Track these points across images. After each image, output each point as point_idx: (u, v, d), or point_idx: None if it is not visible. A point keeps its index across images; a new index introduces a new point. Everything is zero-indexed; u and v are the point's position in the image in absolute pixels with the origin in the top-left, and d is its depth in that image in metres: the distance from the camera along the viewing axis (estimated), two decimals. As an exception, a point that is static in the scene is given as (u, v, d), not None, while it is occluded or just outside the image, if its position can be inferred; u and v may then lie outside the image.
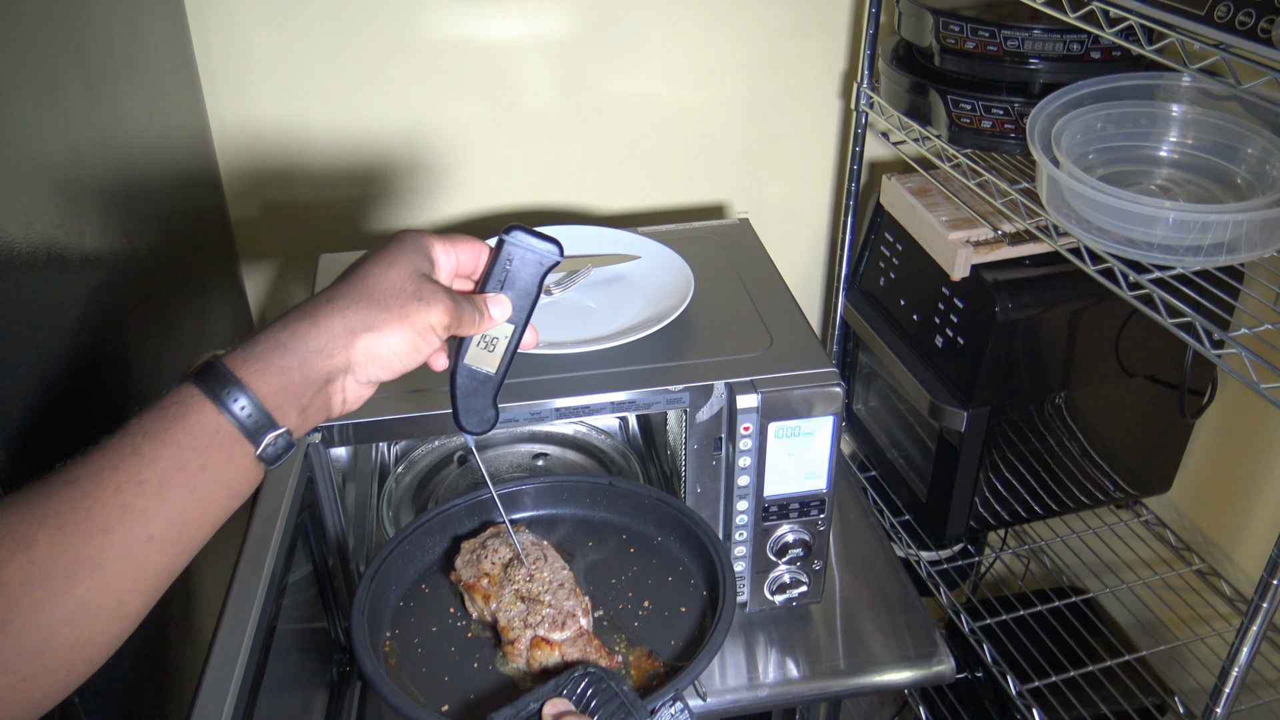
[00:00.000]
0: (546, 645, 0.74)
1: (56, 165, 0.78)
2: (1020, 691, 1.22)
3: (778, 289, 1.06)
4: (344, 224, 1.42)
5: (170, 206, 1.07)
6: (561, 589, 0.78)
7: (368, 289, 0.61)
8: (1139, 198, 0.91)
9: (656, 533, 0.88)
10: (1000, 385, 1.19)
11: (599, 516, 0.91)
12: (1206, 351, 0.87)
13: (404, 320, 0.60)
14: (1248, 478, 1.31)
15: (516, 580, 0.79)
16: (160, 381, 0.95)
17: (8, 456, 0.65)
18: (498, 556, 0.81)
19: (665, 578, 0.84)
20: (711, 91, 1.42)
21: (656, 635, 0.78)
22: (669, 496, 0.89)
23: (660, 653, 0.76)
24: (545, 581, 0.79)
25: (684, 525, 0.86)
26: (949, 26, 1.14)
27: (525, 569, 0.79)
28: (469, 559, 0.82)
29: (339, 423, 0.87)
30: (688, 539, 0.85)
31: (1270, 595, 0.86)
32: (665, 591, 0.82)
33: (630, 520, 0.90)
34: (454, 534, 0.87)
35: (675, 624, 0.79)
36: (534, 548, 0.82)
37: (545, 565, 0.80)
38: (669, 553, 0.86)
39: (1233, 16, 0.80)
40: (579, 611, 0.76)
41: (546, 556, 0.81)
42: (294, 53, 1.28)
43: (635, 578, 0.84)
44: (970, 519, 1.32)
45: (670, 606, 0.81)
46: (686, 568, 0.85)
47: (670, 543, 0.87)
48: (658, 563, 0.85)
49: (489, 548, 0.82)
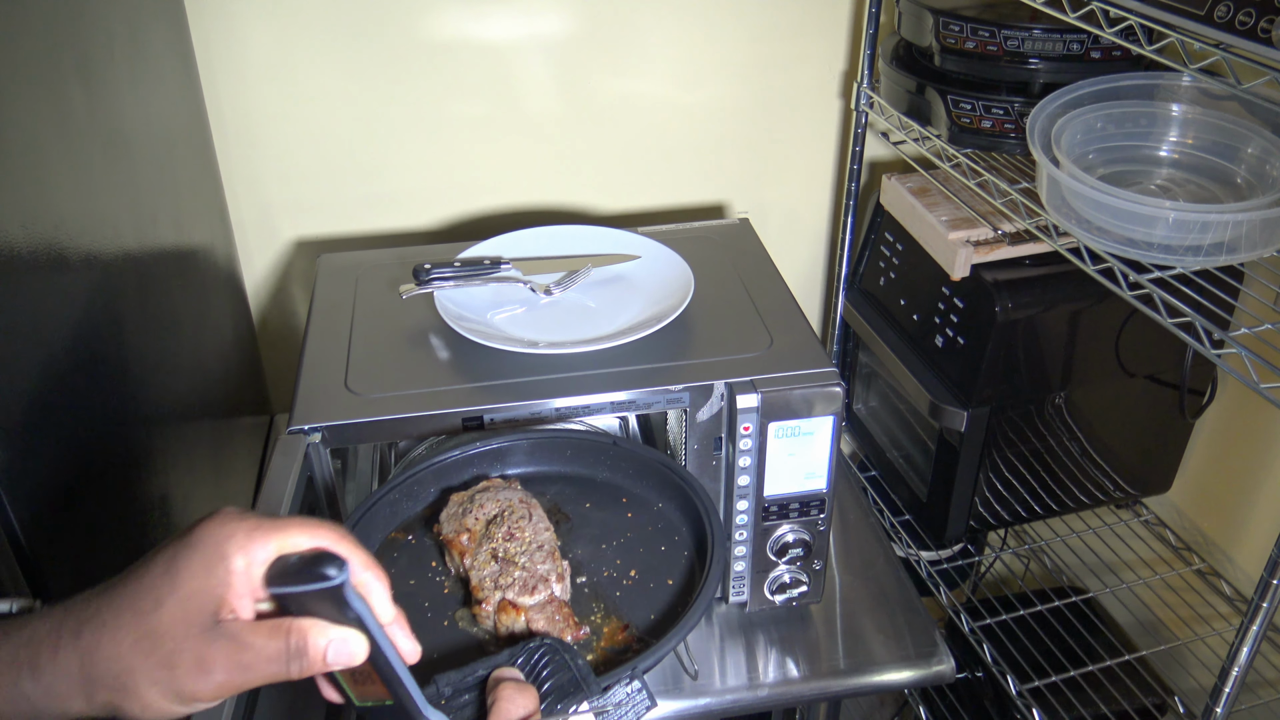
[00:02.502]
0: (513, 609, 0.71)
1: (56, 165, 0.78)
2: (1020, 691, 1.22)
3: (778, 289, 1.06)
4: (344, 224, 1.42)
5: (170, 206, 1.07)
6: (540, 551, 0.75)
7: (132, 627, 0.49)
8: (1139, 198, 0.91)
9: (658, 498, 0.85)
10: (1000, 385, 1.19)
11: (602, 476, 0.87)
12: (1206, 351, 0.87)
13: (162, 689, 0.49)
14: (1248, 478, 1.31)
15: (495, 538, 0.75)
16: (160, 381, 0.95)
17: (8, 456, 0.65)
18: (482, 512, 0.78)
19: (658, 547, 0.81)
20: (711, 91, 1.42)
21: (636, 607, 0.75)
22: (672, 461, 0.85)
23: (636, 626, 0.73)
24: (524, 542, 0.75)
25: (684, 492, 0.82)
26: (949, 26, 1.14)
27: (506, 527, 0.76)
28: (454, 512, 0.79)
29: (339, 423, 0.87)
30: (687, 507, 0.82)
31: (1270, 595, 0.86)
32: (655, 562, 0.79)
33: (633, 483, 0.86)
34: (446, 485, 0.85)
35: (658, 597, 0.76)
36: (521, 505, 0.79)
37: (528, 525, 0.76)
38: (667, 520, 0.83)
39: (1233, 16, 0.79)
40: (552, 577, 0.73)
41: (531, 516, 0.78)
42: (294, 53, 1.28)
43: (627, 544, 0.81)
44: (970, 519, 1.32)
45: (657, 578, 0.78)
46: (682, 538, 0.81)
47: (669, 510, 0.84)
48: (654, 530, 0.82)
49: (476, 502, 0.79)
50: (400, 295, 1.01)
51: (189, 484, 0.99)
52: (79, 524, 0.74)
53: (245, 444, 1.27)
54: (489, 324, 0.99)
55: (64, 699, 0.49)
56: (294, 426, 0.87)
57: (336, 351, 0.97)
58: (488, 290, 1.03)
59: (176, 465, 0.96)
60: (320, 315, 1.03)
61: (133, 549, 0.83)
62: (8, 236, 0.67)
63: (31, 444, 0.68)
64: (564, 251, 1.09)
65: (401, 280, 1.04)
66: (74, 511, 0.74)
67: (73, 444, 0.75)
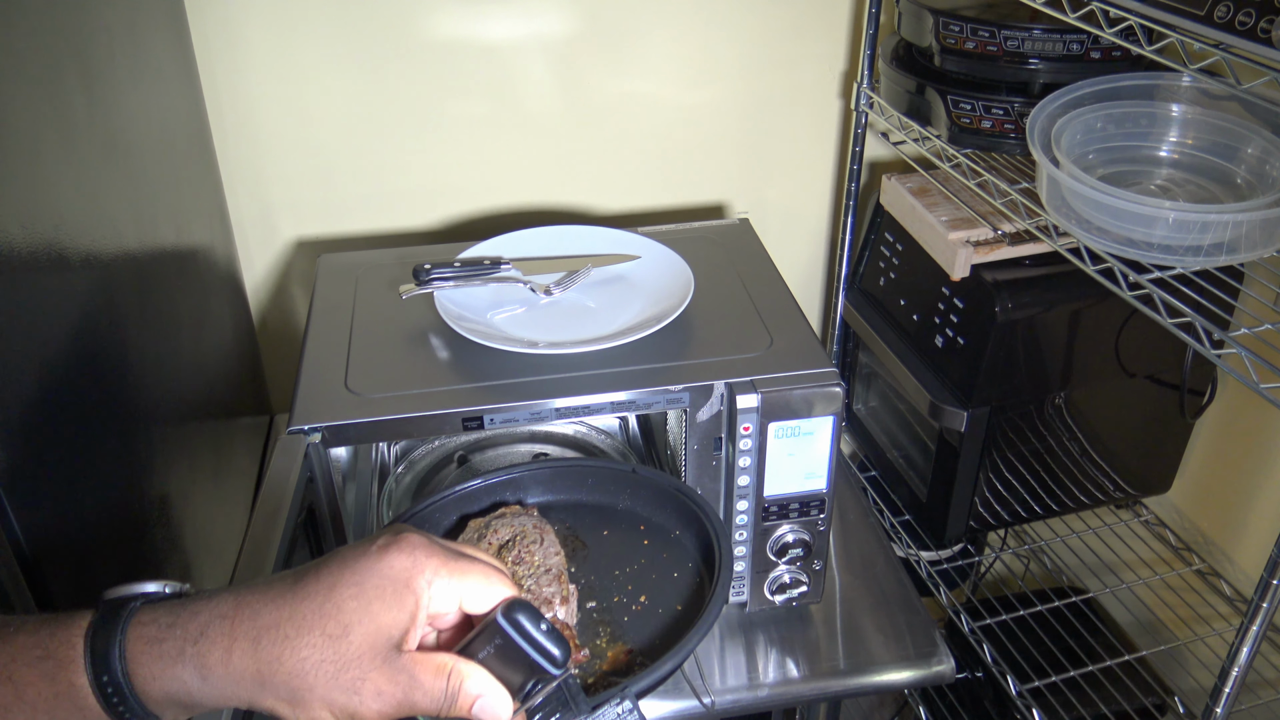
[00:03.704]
0: None
1: (56, 165, 0.78)
2: (1020, 691, 1.22)
3: (778, 289, 1.06)
4: (344, 224, 1.42)
5: (170, 206, 1.07)
6: (546, 574, 0.77)
7: (317, 643, 0.50)
8: (1139, 198, 0.91)
9: (675, 526, 0.86)
10: (1000, 385, 1.19)
11: (622, 505, 0.89)
12: (1206, 351, 0.87)
13: (335, 709, 0.51)
14: (1248, 478, 1.31)
15: (506, 563, 0.77)
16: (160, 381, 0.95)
17: (8, 456, 0.65)
18: (496, 537, 0.80)
19: (671, 574, 0.83)
20: (711, 91, 1.42)
21: (643, 633, 0.77)
22: (690, 489, 0.86)
23: (640, 651, 0.75)
24: (533, 566, 0.77)
25: (699, 521, 0.83)
26: (949, 26, 1.14)
27: (516, 551, 0.78)
28: (469, 538, 0.81)
29: (339, 423, 0.87)
30: (702, 534, 0.83)
31: (1270, 595, 0.86)
32: (667, 588, 0.81)
33: (650, 511, 0.88)
34: (464, 513, 0.87)
35: (665, 624, 0.78)
36: (534, 530, 0.81)
37: (539, 549, 0.79)
38: (682, 548, 0.85)
39: (1233, 16, 0.80)
40: (556, 599, 0.75)
41: (543, 540, 0.80)
42: (294, 53, 1.28)
43: (640, 571, 0.83)
44: (970, 519, 1.32)
45: (666, 605, 0.80)
46: (695, 564, 0.83)
47: (686, 537, 0.85)
48: (668, 558, 0.84)
49: (491, 528, 0.81)
50: (400, 295, 1.01)
51: (189, 484, 0.99)
52: (79, 524, 0.74)
53: (245, 444, 1.27)
54: (489, 324, 0.99)
55: (229, 698, 0.51)
56: (294, 426, 0.87)
57: (336, 351, 0.97)
58: (488, 290, 1.03)
59: (176, 465, 0.96)
60: (320, 315, 1.04)
61: (133, 549, 0.83)
62: (8, 236, 0.67)
63: (31, 444, 0.68)
64: (564, 251, 1.10)
65: (401, 280, 1.04)
66: (74, 512, 0.74)
67: (73, 444, 0.75)
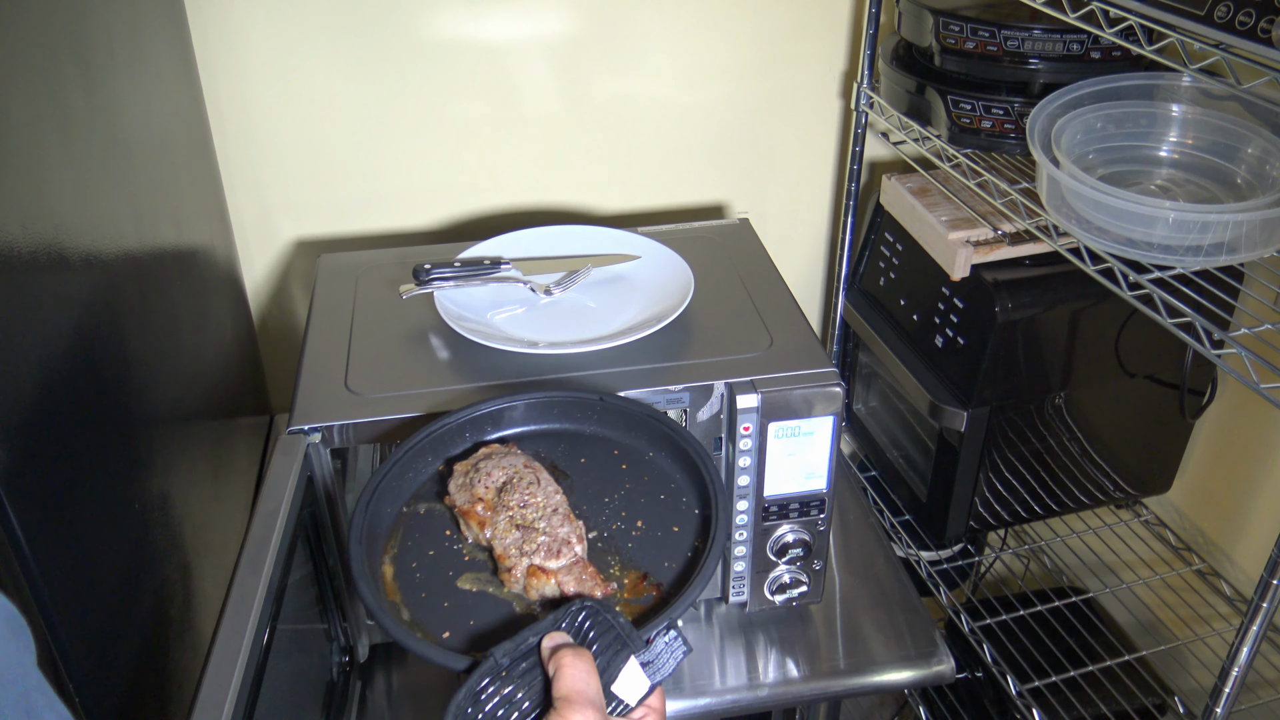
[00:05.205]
0: (542, 574, 0.73)
1: (56, 165, 0.78)
2: (1020, 691, 1.22)
3: (778, 289, 1.06)
4: (344, 224, 1.42)
5: (170, 206, 1.07)
6: (555, 514, 0.77)
7: None
8: (1139, 198, 0.91)
9: (648, 448, 0.86)
10: (1000, 385, 1.19)
11: (589, 430, 0.89)
12: (1206, 351, 0.87)
13: None
14: (1248, 478, 1.31)
15: (510, 506, 0.78)
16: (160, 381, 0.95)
17: (8, 456, 0.65)
18: (491, 480, 0.80)
19: (658, 495, 0.83)
20: (712, 91, 1.42)
21: (650, 557, 0.77)
22: (658, 412, 0.87)
23: (654, 575, 0.76)
24: (539, 507, 0.78)
25: (673, 442, 0.84)
26: (949, 26, 1.14)
27: (519, 494, 0.78)
28: (462, 482, 0.81)
29: (339, 423, 0.87)
30: (677, 456, 0.84)
31: (1270, 595, 0.86)
32: (658, 510, 0.81)
33: (621, 435, 0.88)
34: (446, 455, 0.86)
35: (669, 545, 0.78)
36: (527, 470, 0.81)
37: (539, 490, 0.79)
38: (660, 469, 0.85)
39: (1233, 16, 0.80)
40: (574, 538, 0.75)
41: (540, 480, 0.80)
42: (294, 53, 1.28)
43: (628, 496, 0.83)
44: (970, 519, 1.32)
45: (663, 526, 0.80)
46: (678, 485, 0.83)
47: (661, 458, 0.85)
48: (649, 480, 0.84)
49: (481, 470, 0.81)
50: (400, 295, 1.01)
51: (189, 484, 0.99)
52: (79, 524, 0.74)
53: (245, 444, 1.27)
54: (489, 324, 0.99)
55: None
56: (294, 426, 0.87)
57: (336, 351, 0.97)
58: (488, 290, 1.03)
59: (176, 465, 0.96)
60: (320, 315, 1.04)
61: (133, 549, 0.83)
62: (8, 236, 0.67)
63: (31, 444, 0.68)
64: (564, 251, 1.10)
65: (401, 280, 1.04)
66: (74, 512, 0.74)
67: (73, 444, 0.75)
